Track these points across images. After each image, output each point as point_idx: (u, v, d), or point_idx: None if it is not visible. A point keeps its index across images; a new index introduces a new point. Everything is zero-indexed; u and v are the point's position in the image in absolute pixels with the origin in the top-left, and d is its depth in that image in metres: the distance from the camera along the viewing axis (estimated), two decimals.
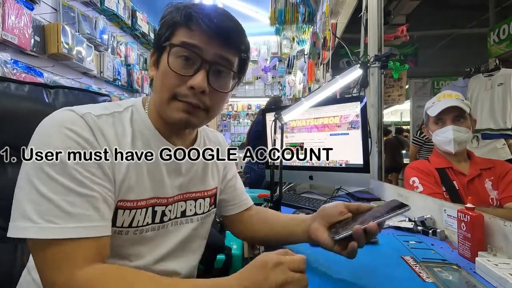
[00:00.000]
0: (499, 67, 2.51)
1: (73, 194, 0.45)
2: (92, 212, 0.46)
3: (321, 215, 0.61)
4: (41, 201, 0.43)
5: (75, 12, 2.71)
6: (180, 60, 0.52)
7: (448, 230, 0.78)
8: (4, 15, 1.92)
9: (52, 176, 0.44)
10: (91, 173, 0.47)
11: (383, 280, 0.49)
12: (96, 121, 0.51)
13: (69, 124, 0.48)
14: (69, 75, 2.72)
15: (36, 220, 0.42)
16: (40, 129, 0.48)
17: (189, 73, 0.52)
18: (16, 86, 0.72)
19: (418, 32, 4.52)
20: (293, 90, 4.67)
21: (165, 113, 0.55)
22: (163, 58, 0.54)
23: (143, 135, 0.56)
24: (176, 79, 0.52)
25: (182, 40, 0.52)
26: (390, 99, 2.29)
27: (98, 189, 0.47)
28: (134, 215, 0.54)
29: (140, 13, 3.87)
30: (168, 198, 0.60)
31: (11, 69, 1.96)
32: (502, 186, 1.12)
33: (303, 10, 2.98)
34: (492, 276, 0.53)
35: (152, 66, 0.58)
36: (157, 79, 0.55)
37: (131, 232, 0.55)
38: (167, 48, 0.53)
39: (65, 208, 0.44)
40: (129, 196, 0.53)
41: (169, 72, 0.52)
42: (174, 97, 0.53)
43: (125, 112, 0.56)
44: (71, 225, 0.43)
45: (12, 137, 0.70)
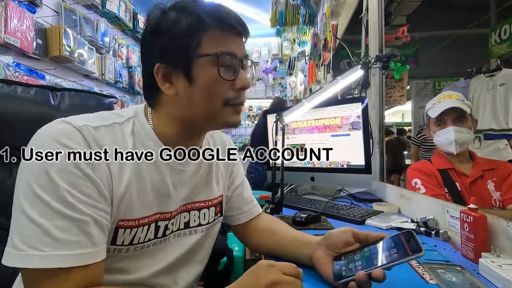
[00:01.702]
0: (501, 68, 2.50)
1: (62, 217, 0.42)
2: (83, 238, 0.43)
3: (327, 243, 0.57)
4: (28, 225, 0.41)
5: (76, 15, 2.72)
6: (224, 67, 0.51)
7: (451, 231, 0.78)
8: (6, 18, 1.93)
9: (40, 197, 0.41)
10: (84, 193, 0.44)
11: (385, 282, 0.49)
12: (93, 134, 0.48)
13: (63, 138, 0.45)
14: (71, 77, 2.73)
15: (21, 247, 0.40)
16: (32, 141, 0.46)
17: (232, 76, 0.52)
18: (22, 89, 0.73)
19: (419, 33, 4.52)
20: (294, 91, 4.67)
21: (217, 120, 0.54)
22: (203, 69, 0.51)
23: (147, 148, 0.53)
24: (225, 85, 0.52)
25: (222, 47, 0.51)
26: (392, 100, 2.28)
27: (90, 212, 0.44)
28: (135, 233, 0.52)
29: (141, 15, 3.88)
30: (172, 212, 0.57)
31: (13, 71, 1.96)
32: (504, 187, 1.11)
33: (303, 11, 2.99)
34: (496, 277, 0.52)
35: (165, 83, 0.52)
36: (195, 92, 0.51)
37: (132, 249, 0.53)
38: (213, 59, 0.50)
39: (53, 233, 0.41)
40: (130, 215, 0.51)
41: (219, 81, 0.51)
42: (226, 103, 0.53)
43: (125, 124, 0.53)
44: (59, 253, 0.41)
45: (19, 140, 0.70)
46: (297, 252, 0.62)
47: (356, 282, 0.48)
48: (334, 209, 1.04)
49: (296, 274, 0.45)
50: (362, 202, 1.23)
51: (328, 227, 0.89)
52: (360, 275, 0.47)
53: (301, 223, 0.89)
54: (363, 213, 0.97)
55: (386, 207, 1.07)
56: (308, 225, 0.89)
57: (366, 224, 0.91)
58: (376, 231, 0.82)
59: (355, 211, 1.00)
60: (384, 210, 1.03)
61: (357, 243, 0.56)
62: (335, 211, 1.01)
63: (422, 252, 0.46)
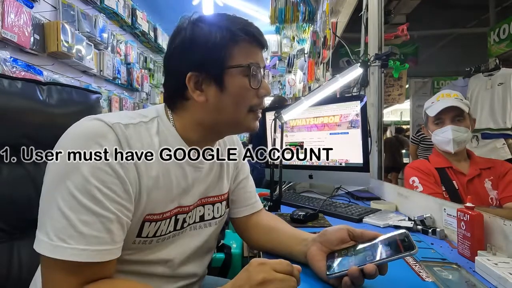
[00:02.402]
0: (499, 67, 2.51)
1: (88, 212, 0.45)
2: (104, 234, 0.46)
3: (322, 240, 0.58)
4: (59, 217, 0.44)
5: (75, 11, 2.70)
6: (252, 77, 0.56)
7: (447, 229, 0.78)
8: (3, 13, 1.91)
9: (72, 193, 0.45)
10: (112, 190, 0.47)
11: (382, 280, 0.49)
12: (124, 132, 0.51)
13: (98, 137, 0.48)
14: (69, 73, 2.71)
15: (52, 237, 0.43)
16: (67, 138, 0.49)
17: (257, 85, 0.57)
18: (9, 82, 0.70)
19: (419, 32, 4.52)
20: (293, 89, 4.67)
21: (242, 126, 0.59)
22: (234, 78, 0.55)
23: (172, 147, 0.57)
24: (252, 93, 0.57)
25: (250, 58, 0.55)
26: (390, 98, 2.29)
27: (114, 209, 0.47)
28: (159, 226, 0.56)
29: (140, 11, 3.86)
30: (189, 206, 0.61)
31: (10, 67, 1.95)
32: (501, 186, 1.12)
33: (303, 9, 2.98)
34: (491, 275, 0.53)
35: (196, 90, 0.55)
36: (224, 99, 0.56)
37: (154, 240, 0.57)
38: (245, 69, 0.55)
39: (78, 227, 0.44)
40: (156, 209, 0.55)
41: (248, 90, 0.56)
42: (250, 110, 0.58)
43: (150, 123, 0.57)
44: (80, 247, 0.44)
45: (8, 136, 0.68)
46: (292, 248, 0.64)
47: (349, 276, 0.49)
48: (332, 207, 1.05)
49: (289, 271, 0.45)
50: (360, 200, 1.24)
51: (326, 225, 0.89)
52: (352, 270, 0.48)
53: (299, 220, 0.90)
54: (360, 211, 0.98)
55: (383, 205, 1.07)
56: (306, 223, 0.89)
57: (363, 222, 0.92)
58: (374, 229, 0.83)
59: (353, 209, 1.01)
60: (382, 208, 1.04)
61: (352, 241, 0.56)
62: (333, 209, 1.02)
63: (415, 249, 0.47)
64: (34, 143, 0.72)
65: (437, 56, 5.18)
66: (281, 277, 0.44)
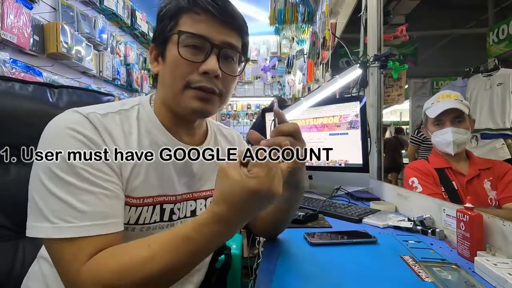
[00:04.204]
0: (498, 67, 2.51)
1: (85, 192, 0.46)
2: (105, 209, 0.47)
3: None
4: (54, 201, 0.45)
5: (74, 12, 2.70)
6: (190, 48, 0.52)
7: (447, 229, 0.78)
8: (3, 14, 1.91)
9: (61, 177, 0.45)
10: (100, 171, 0.48)
11: (382, 280, 0.49)
12: (101, 120, 0.51)
13: (73, 125, 0.49)
14: (68, 74, 2.71)
15: (53, 220, 0.44)
16: (46, 131, 0.50)
17: (199, 59, 0.52)
18: (20, 85, 0.73)
19: (418, 32, 4.53)
20: (293, 89, 4.68)
21: (179, 104, 0.54)
22: (170, 48, 0.53)
23: (150, 134, 0.57)
24: (188, 67, 0.52)
25: (191, 28, 0.52)
26: (390, 99, 2.29)
27: (109, 186, 0.48)
28: (140, 212, 0.55)
29: (139, 12, 3.86)
30: (176, 195, 0.59)
31: (10, 68, 1.95)
32: (501, 186, 1.12)
33: (302, 9, 2.99)
34: (491, 276, 0.53)
35: (154, 62, 0.57)
36: (165, 71, 0.55)
37: (137, 229, 0.55)
38: (175, 37, 0.52)
39: (78, 207, 0.45)
40: (135, 193, 0.54)
41: (180, 61, 0.52)
42: (187, 86, 0.53)
43: (131, 110, 0.57)
44: (86, 223, 0.45)
45: (17, 137, 0.70)
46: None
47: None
48: (331, 207, 1.05)
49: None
50: (360, 201, 1.24)
51: (326, 225, 0.89)
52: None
53: (299, 221, 0.90)
54: (360, 212, 0.98)
55: (383, 205, 1.07)
56: (305, 223, 0.89)
57: (363, 223, 0.92)
58: (373, 229, 0.83)
59: (352, 209, 1.01)
60: (381, 209, 1.04)
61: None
62: (332, 210, 1.02)
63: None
64: None
65: (436, 57, 5.19)
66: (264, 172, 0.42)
